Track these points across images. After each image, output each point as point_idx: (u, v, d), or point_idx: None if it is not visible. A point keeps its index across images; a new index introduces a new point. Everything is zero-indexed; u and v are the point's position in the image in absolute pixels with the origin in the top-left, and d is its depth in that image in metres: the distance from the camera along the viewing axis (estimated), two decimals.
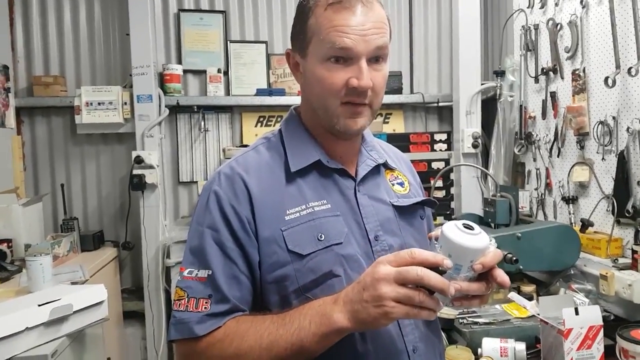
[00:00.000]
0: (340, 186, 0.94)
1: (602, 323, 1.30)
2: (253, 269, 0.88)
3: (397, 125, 3.14)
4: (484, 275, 0.76)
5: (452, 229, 0.74)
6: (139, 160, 2.67)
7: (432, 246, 0.79)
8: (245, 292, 0.88)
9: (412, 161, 2.73)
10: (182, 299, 0.86)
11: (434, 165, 2.75)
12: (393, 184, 1.02)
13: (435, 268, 0.72)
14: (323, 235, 0.88)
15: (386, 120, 3.13)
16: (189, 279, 0.87)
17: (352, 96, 0.87)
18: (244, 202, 0.88)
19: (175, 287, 0.89)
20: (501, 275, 0.76)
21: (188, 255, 0.90)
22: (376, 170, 1.00)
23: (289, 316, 0.81)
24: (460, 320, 1.60)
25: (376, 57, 0.89)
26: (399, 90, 3.04)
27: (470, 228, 0.75)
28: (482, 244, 0.74)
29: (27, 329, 1.48)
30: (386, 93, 3.08)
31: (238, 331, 0.83)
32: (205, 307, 0.84)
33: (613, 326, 1.44)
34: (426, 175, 2.67)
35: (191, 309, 0.84)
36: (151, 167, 2.70)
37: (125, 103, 2.74)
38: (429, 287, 0.71)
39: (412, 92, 3.17)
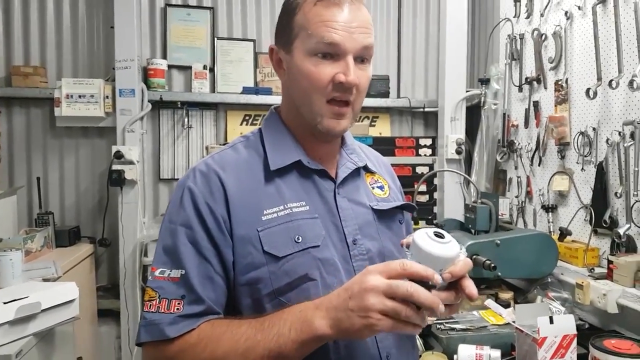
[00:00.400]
0: (320, 188, 0.93)
1: (576, 332, 1.31)
2: (227, 269, 0.85)
3: (383, 128, 3.14)
4: (454, 285, 0.75)
5: (422, 237, 0.74)
6: (118, 156, 2.62)
7: (403, 254, 0.78)
8: (219, 294, 0.85)
9: (397, 165, 2.73)
10: (153, 300, 0.82)
11: (419, 169, 2.76)
12: (373, 187, 1.02)
13: (425, 282, 0.70)
14: (300, 237, 0.86)
15: (372, 123, 3.13)
16: (160, 279, 0.83)
17: (338, 92, 0.87)
18: (220, 200, 0.86)
19: (146, 287, 0.85)
20: (470, 286, 0.75)
21: (160, 254, 0.86)
22: (356, 173, 0.99)
23: (268, 321, 0.77)
24: (437, 326, 1.60)
25: (361, 58, 0.88)
26: (386, 94, 3.04)
27: (441, 236, 0.74)
28: (451, 252, 0.73)
29: None
30: (373, 96, 3.10)
31: (213, 335, 0.80)
32: (177, 308, 0.81)
33: (587, 335, 1.45)
34: (410, 179, 2.67)
35: (163, 310, 0.81)
36: (131, 162, 2.65)
37: (107, 97, 2.69)
38: (419, 304, 0.69)
39: (398, 96, 3.18)
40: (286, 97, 0.97)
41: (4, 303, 1.49)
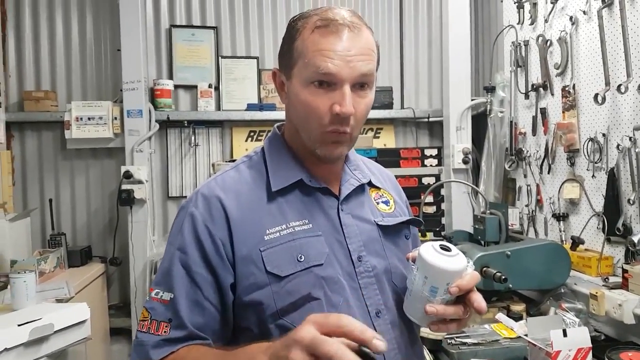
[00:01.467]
0: (323, 205, 0.92)
1: (590, 345, 1.28)
2: (224, 294, 0.85)
3: (387, 140, 3.13)
4: (461, 299, 0.74)
5: (429, 251, 0.73)
6: (127, 175, 2.65)
7: (409, 268, 0.77)
8: (208, 319, 0.85)
9: (403, 176, 2.71)
10: (145, 320, 0.84)
11: (425, 180, 2.74)
12: (378, 203, 1.00)
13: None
14: (303, 256, 0.85)
15: (377, 135, 3.12)
16: (154, 300, 0.85)
17: (335, 125, 0.85)
18: (220, 224, 0.86)
19: (143, 307, 0.87)
20: (478, 300, 0.74)
21: (158, 275, 0.88)
22: (360, 189, 0.98)
23: (232, 355, 0.75)
24: (448, 341, 1.57)
25: (361, 84, 0.87)
26: (389, 105, 3.04)
27: (448, 250, 0.74)
28: (458, 266, 0.72)
29: (5, 349, 1.46)
30: (377, 108, 3.10)
31: (187, 358, 0.81)
32: (165, 331, 0.82)
33: (603, 347, 1.42)
34: (416, 190, 2.66)
35: (152, 331, 0.83)
36: (140, 182, 2.68)
37: (116, 118, 2.73)
38: None
39: (402, 107, 3.17)
40: (288, 119, 0.97)
41: (18, 325, 1.51)
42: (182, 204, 0.93)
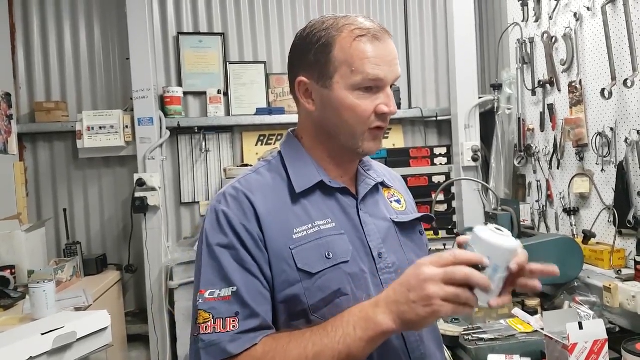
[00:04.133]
0: (343, 205, 0.96)
1: (606, 337, 1.29)
2: (270, 285, 0.88)
3: (396, 140, 3.15)
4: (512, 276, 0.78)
5: (487, 232, 0.77)
6: (141, 183, 2.68)
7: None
8: (268, 308, 0.87)
9: (413, 175, 2.73)
10: (207, 321, 0.83)
11: (435, 179, 2.76)
12: (391, 202, 1.05)
13: (475, 267, 0.75)
14: (331, 254, 0.88)
15: (386, 135, 3.13)
16: (211, 300, 0.84)
17: (380, 121, 0.93)
18: (253, 220, 0.89)
19: (198, 311, 0.85)
20: (546, 268, 0.80)
21: (207, 275, 0.87)
22: (375, 188, 1.02)
23: (330, 325, 0.81)
24: (465, 337, 1.60)
25: (391, 85, 0.94)
26: (397, 106, 3.05)
27: (501, 231, 0.78)
28: (515, 243, 0.77)
29: (30, 358, 1.48)
30: None
31: (278, 346, 0.81)
32: (233, 326, 0.82)
33: (619, 338, 1.43)
34: (427, 189, 2.67)
35: (219, 330, 0.82)
36: (153, 189, 2.71)
37: (127, 126, 2.76)
38: (474, 284, 0.74)
39: (410, 106, 3.19)
40: (312, 125, 0.99)
41: (42, 334, 1.54)
42: (210, 206, 0.94)
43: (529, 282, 0.79)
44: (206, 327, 0.83)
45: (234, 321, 0.83)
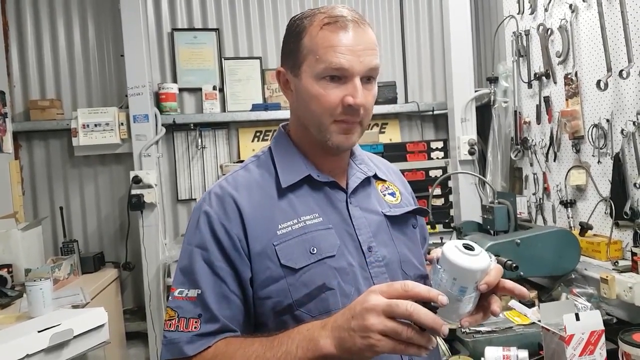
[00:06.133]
0: (332, 199, 0.95)
1: (603, 328, 1.29)
2: (244, 287, 0.88)
3: (393, 134, 3.15)
4: (483, 296, 0.76)
5: (453, 252, 0.73)
6: (137, 180, 2.68)
7: (435, 269, 0.78)
8: (235, 312, 0.87)
9: (409, 170, 2.73)
10: (172, 319, 0.86)
11: (432, 173, 2.76)
12: (384, 195, 1.03)
13: (428, 303, 0.70)
14: (315, 249, 0.88)
15: (382, 130, 3.14)
16: (179, 299, 0.87)
17: (346, 115, 0.89)
18: (235, 221, 0.89)
19: (166, 308, 0.89)
20: (517, 288, 0.77)
21: (178, 275, 0.90)
22: (367, 182, 1.01)
23: (277, 340, 0.79)
24: (463, 330, 1.59)
25: (368, 77, 0.90)
26: (393, 100, 3.05)
27: (471, 249, 0.74)
28: (484, 263, 0.73)
29: (27, 356, 1.48)
30: (381, 103, 3.11)
31: (227, 353, 0.83)
32: (195, 327, 0.84)
33: (616, 329, 1.43)
34: (424, 183, 2.67)
35: (181, 329, 0.85)
36: (149, 186, 2.70)
37: (122, 123, 2.75)
38: (419, 324, 0.68)
39: (406, 101, 3.19)
40: (294, 116, 0.99)
41: (38, 332, 1.54)
42: (196, 204, 0.96)
43: (492, 305, 0.77)
44: (170, 324, 0.86)
45: (196, 322, 0.85)
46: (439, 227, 2.57)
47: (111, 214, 2.97)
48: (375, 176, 1.04)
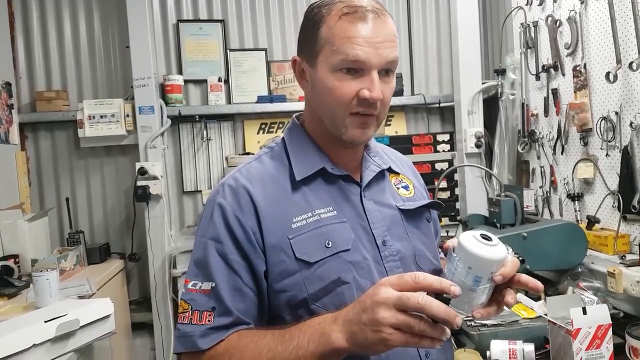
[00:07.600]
0: (346, 192, 0.94)
1: (610, 322, 1.28)
2: (259, 280, 0.87)
3: (399, 127, 3.13)
4: (497, 288, 0.76)
5: (470, 241, 0.73)
6: (142, 172, 2.68)
7: (450, 257, 0.77)
8: (249, 305, 0.87)
9: (415, 163, 2.73)
10: (186, 312, 0.85)
11: (438, 166, 2.74)
12: (398, 188, 1.02)
13: (440, 294, 0.69)
14: (330, 242, 0.87)
15: (388, 122, 3.12)
16: (193, 292, 0.86)
17: (362, 107, 0.87)
18: (249, 213, 0.88)
19: (180, 300, 0.88)
20: (532, 281, 0.77)
21: (192, 267, 0.89)
22: (381, 175, 1.00)
23: (289, 333, 0.79)
24: (468, 323, 1.59)
25: (386, 70, 0.88)
26: (400, 92, 3.03)
27: (488, 239, 0.73)
28: (501, 254, 0.72)
29: (33, 345, 1.48)
30: None
31: (238, 346, 0.82)
32: (209, 320, 0.84)
33: (623, 324, 1.42)
34: (430, 176, 2.66)
35: (195, 322, 0.84)
36: (155, 177, 2.70)
37: (128, 115, 2.75)
38: (431, 317, 0.68)
39: (413, 93, 3.16)
40: (309, 108, 0.98)
41: (45, 322, 1.54)
42: (210, 196, 0.94)
43: (506, 297, 0.76)
44: (184, 317, 0.86)
45: (210, 315, 0.84)
46: (445, 220, 2.56)
47: (117, 205, 2.98)
48: (389, 169, 1.03)
